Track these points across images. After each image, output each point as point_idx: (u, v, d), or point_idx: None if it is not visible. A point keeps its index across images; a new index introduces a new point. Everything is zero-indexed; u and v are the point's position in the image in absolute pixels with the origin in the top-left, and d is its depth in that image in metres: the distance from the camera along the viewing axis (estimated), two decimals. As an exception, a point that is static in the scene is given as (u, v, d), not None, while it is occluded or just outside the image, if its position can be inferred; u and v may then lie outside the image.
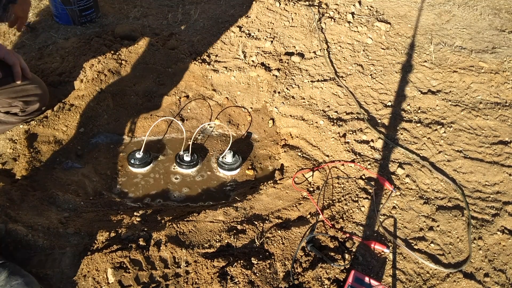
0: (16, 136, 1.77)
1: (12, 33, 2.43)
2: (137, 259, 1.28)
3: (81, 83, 2.00)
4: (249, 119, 1.97)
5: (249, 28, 2.34)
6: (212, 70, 2.08)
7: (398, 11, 2.42)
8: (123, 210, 1.52)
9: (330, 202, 1.45)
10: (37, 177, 1.64)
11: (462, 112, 1.82)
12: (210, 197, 1.67)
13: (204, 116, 1.99)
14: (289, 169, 1.65)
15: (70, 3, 2.33)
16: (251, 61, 2.12)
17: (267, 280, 1.22)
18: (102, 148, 1.83)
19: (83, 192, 1.63)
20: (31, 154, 1.71)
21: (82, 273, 1.25)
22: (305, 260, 1.26)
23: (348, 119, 1.77)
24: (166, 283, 1.23)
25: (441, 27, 2.31)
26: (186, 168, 1.73)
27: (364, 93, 1.91)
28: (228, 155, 1.73)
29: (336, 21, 2.33)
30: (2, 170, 1.65)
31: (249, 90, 2.04)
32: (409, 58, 2.10)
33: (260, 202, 1.49)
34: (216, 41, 2.27)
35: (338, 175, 1.55)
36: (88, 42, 2.24)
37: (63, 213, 1.50)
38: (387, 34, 2.24)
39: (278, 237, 1.33)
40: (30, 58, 2.23)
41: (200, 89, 2.06)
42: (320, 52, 2.14)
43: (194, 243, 1.33)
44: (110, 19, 2.53)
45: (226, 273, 1.23)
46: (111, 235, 1.36)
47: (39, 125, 1.81)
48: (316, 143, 1.71)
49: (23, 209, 1.46)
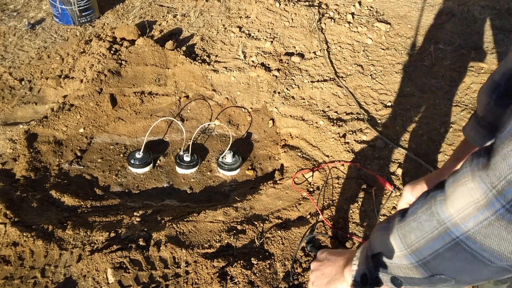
0: (16, 136, 1.77)
1: (12, 33, 2.43)
2: (137, 259, 1.28)
3: (81, 83, 2.00)
4: (249, 120, 1.97)
5: (249, 29, 2.34)
6: (212, 70, 2.08)
7: (398, 11, 2.42)
8: (123, 210, 1.52)
9: (330, 202, 1.45)
10: (37, 177, 1.64)
11: (462, 112, 1.82)
12: (210, 197, 1.67)
13: (204, 116, 1.99)
14: (289, 170, 1.65)
15: (70, 3, 2.33)
16: (251, 62, 2.12)
17: (267, 280, 1.21)
18: (102, 148, 1.83)
19: (83, 192, 1.63)
20: (31, 154, 1.71)
21: (82, 273, 1.25)
22: (305, 260, 1.26)
23: (348, 119, 1.77)
24: (166, 283, 1.23)
25: (441, 27, 2.31)
26: (186, 168, 1.73)
27: (364, 93, 1.91)
28: (228, 156, 1.73)
29: (336, 21, 2.33)
30: (2, 170, 1.65)
31: (249, 91, 2.04)
32: (409, 58, 2.10)
33: (260, 202, 1.49)
34: (216, 41, 2.27)
35: (338, 175, 1.55)
36: (88, 42, 2.24)
37: (63, 213, 1.50)
38: (387, 35, 2.25)
39: (278, 237, 1.33)
40: (30, 58, 2.23)
41: (200, 89, 2.06)
42: (320, 52, 2.14)
43: (194, 243, 1.33)
44: (110, 19, 2.53)
45: (226, 273, 1.23)
46: (111, 235, 1.36)
47: (39, 125, 1.82)
48: (316, 143, 1.71)
49: (23, 209, 1.46)
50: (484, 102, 0.86)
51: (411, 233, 0.63)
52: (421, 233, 0.61)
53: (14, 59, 2.22)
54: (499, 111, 0.83)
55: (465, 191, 0.55)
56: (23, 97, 2.01)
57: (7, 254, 1.31)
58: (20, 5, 2.68)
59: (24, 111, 1.96)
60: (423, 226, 0.61)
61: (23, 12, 2.62)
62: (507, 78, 0.81)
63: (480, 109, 0.89)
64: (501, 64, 0.84)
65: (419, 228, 0.62)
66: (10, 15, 2.58)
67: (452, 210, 0.56)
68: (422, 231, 0.61)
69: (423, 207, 0.62)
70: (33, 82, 2.08)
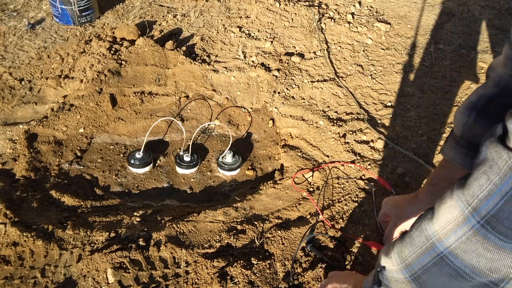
0: (16, 136, 1.77)
1: (12, 33, 2.43)
2: (137, 259, 1.28)
3: (81, 83, 2.00)
4: (249, 120, 1.97)
5: (249, 28, 2.34)
6: (212, 70, 2.08)
7: (398, 11, 2.42)
8: (123, 210, 1.52)
9: (330, 202, 1.45)
10: (37, 177, 1.64)
11: (462, 113, 1.82)
12: (210, 197, 1.67)
13: (204, 116, 1.99)
14: (289, 169, 1.65)
15: (70, 3, 2.34)
16: (251, 62, 2.12)
17: (267, 280, 1.21)
18: (102, 148, 1.83)
19: (83, 192, 1.63)
20: (31, 154, 1.71)
21: (82, 273, 1.25)
22: (305, 260, 1.26)
23: (348, 119, 1.77)
24: (166, 283, 1.23)
25: (441, 27, 2.31)
26: (185, 168, 1.73)
27: (364, 93, 1.91)
28: (228, 156, 1.73)
29: (336, 21, 2.33)
30: (2, 170, 1.65)
31: (249, 91, 2.04)
32: (409, 58, 2.10)
33: (260, 202, 1.49)
34: (216, 41, 2.27)
35: (338, 175, 1.55)
36: (88, 42, 2.24)
37: (63, 213, 1.50)
38: (387, 35, 2.25)
39: (278, 237, 1.33)
40: (30, 58, 2.23)
41: (200, 89, 2.06)
42: (320, 52, 2.14)
43: (194, 243, 1.33)
44: (110, 19, 2.53)
45: (226, 273, 1.23)
46: (111, 235, 1.36)
47: (39, 125, 1.82)
48: (316, 143, 1.71)
49: (23, 209, 1.46)
50: (462, 122, 0.90)
51: (405, 247, 0.68)
52: (412, 248, 0.66)
53: (14, 59, 2.22)
54: (477, 129, 0.87)
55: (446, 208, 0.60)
56: (23, 97, 2.01)
57: (7, 254, 1.31)
58: (20, 5, 2.68)
59: (24, 111, 1.96)
60: (415, 241, 0.66)
61: (23, 12, 2.62)
62: (484, 99, 0.86)
63: (458, 129, 0.92)
64: (478, 88, 0.89)
65: (411, 243, 0.67)
66: (10, 15, 2.58)
67: (437, 226, 0.61)
68: (413, 245, 0.66)
69: (416, 224, 0.67)
70: (33, 82, 2.08)
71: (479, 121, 0.86)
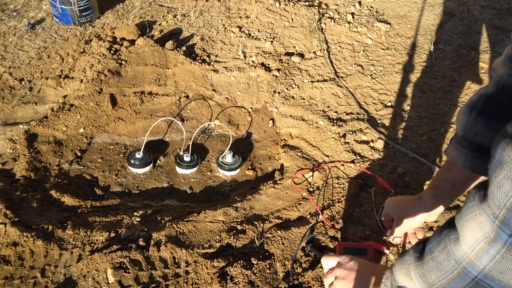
0: (16, 136, 1.77)
1: (12, 33, 2.43)
2: (137, 259, 1.28)
3: (81, 83, 2.00)
4: (249, 120, 1.97)
5: (249, 28, 2.34)
6: (212, 70, 2.08)
7: (398, 11, 2.42)
8: (123, 210, 1.52)
9: (330, 202, 1.45)
10: (37, 177, 1.64)
11: (462, 113, 1.82)
12: (210, 197, 1.67)
13: (204, 116, 1.99)
14: (289, 169, 1.65)
15: (70, 3, 2.34)
16: (251, 61, 2.12)
17: (267, 280, 1.21)
18: (102, 148, 1.83)
19: (83, 192, 1.63)
20: (31, 154, 1.71)
21: (82, 273, 1.25)
22: (305, 260, 1.26)
23: (348, 119, 1.77)
24: (166, 283, 1.23)
25: (441, 27, 2.31)
26: (185, 168, 1.73)
27: (364, 93, 1.91)
28: (228, 156, 1.73)
29: (336, 21, 2.33)
30: (2, 170, 1.65)
31: (249, 90, 2.04)
32: (409, 58, 2.10)
33: (260, 202, 1.49)
34: (216, 41, 2.27)
35: (338, 175, 1.55)
36: (88, 42, 2.24)
37: (63, 213, 1.50)
38: (387, 35, 2.25)
39: (278, 237, 1.33)
40: (30, 58, 2.23)
41: (200, 89, 2.06)
42: (320, 52, 2.14)
43: (194, 243, 1.33)
44: (110, 19, 2.53)
45: (226, 273, 1.23)
46: (111, 235, 1.36)
47: (39, 125, 1.82)
48: (316, 143, 1.71)
49: (23, 209, 1.46)
50: (463, 121, 0.90)
51: (430, 272, 0.63)
52: (441, 273, 0.61)
53: (14, 59, 2.22)
54: (478, 128, 0.87)
55: (473, 225, 0.54)
56: (23, 97, 2.01)
57: (7, 254, 1.31)
58: (20, 5, 2.68)
59: (24, 111, 1.96)
60: (442, 265, 0.61)
61: (23, 12, 2.62)
62: (484, 98, 0.86)
63: (460, 129, 0.92)
64: (480, 88, 0.89)
65: (438, 267, 0.62)
66: (10, 15, 2.58)
67: (465, 248, 0.56)
68: (441, 270, 0.61)
69: (439, 246, 0.62)
70: (33, 82, 2.08)
71: (479, 120, 0.86)
